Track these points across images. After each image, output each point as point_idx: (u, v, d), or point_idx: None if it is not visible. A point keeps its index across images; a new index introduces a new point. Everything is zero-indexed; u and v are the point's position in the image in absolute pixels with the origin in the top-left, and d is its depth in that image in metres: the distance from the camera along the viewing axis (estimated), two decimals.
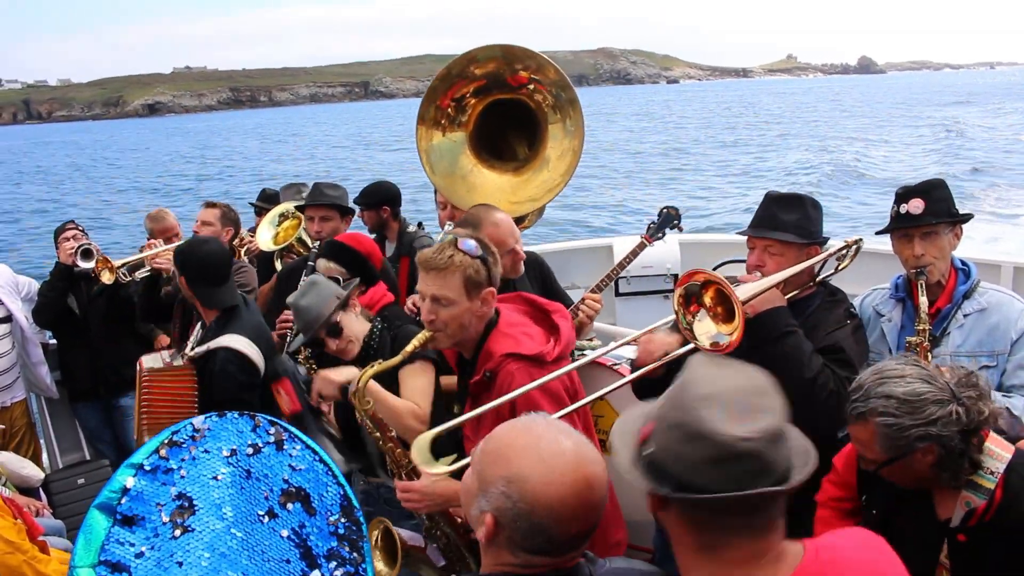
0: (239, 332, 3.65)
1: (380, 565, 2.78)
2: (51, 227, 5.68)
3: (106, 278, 4.78)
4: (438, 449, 2.68)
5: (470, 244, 2.64)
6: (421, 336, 2.66)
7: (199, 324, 3.96)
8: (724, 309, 2.41)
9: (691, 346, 2.50)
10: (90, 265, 4.81)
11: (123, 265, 4.91)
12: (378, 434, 2.72)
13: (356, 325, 3.26)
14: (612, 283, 6.20)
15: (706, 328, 2.43)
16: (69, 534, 4.23)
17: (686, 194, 23.81)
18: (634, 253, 4.31)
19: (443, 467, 2.31)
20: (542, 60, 3.90)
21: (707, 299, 2.43)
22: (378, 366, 2.66)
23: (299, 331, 3.30)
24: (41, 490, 4.68)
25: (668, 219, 4.41)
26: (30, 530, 3.38)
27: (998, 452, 2.14)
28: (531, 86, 3.95)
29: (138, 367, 3.86)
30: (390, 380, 2.99)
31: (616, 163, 33.12)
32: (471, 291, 2.62)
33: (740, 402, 1.41)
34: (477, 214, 3.41)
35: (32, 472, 4.50)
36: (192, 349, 3.82)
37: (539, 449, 1.53)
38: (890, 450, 2.08)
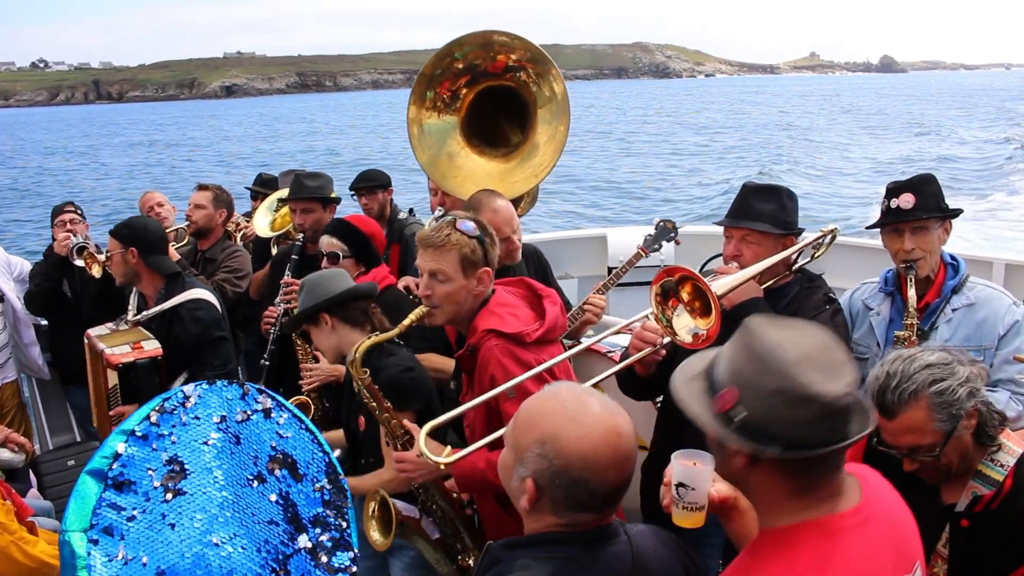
0: (194, 287, 3.96)
1: (376, 535, 2.83)
2: None
3: (96, 272, 4.75)
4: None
5: (468, 225, 2.74)
6: (419, 311, 2.73)
7: (134, 299, 4.15)
8: (701, 303, 2.46)
9: (668, 340, 2.54)
10: (82, 263, 4.78)
11: (110, 258, 4.88)
12: (375, 404, 2.76)
13: (328, 339, 3.16)
14: (611, 282, 6.27)
15: (685, 322, 2.48)
16: (58, 516, 4.23)
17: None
18: (631, 263, 4.38)
19: (447, 458, 2.36)
20: (513, 39, 3.96)
21: (684, 294, 2.48)
22: (375, 338, 2.72)
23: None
24: (31, 471, 4.67)
25: (665, 232, 4.50)
26: (19, 511, 3.37)
27: (1010, 447, 2.17)
28: (513, 66, 4.01)
29: (85, 340, 4.04)
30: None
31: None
32: (467, 269, 2.71)
33: (825, 361, 1.52)
34: (479, 198, 3.46)
35: (10, 456, 4.41)
36: (134, 316, 4.03)
37: (565, 409, 1.62)
38: (947, 420, 2.10)
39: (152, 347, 3.73)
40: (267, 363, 4.36)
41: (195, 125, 75.87)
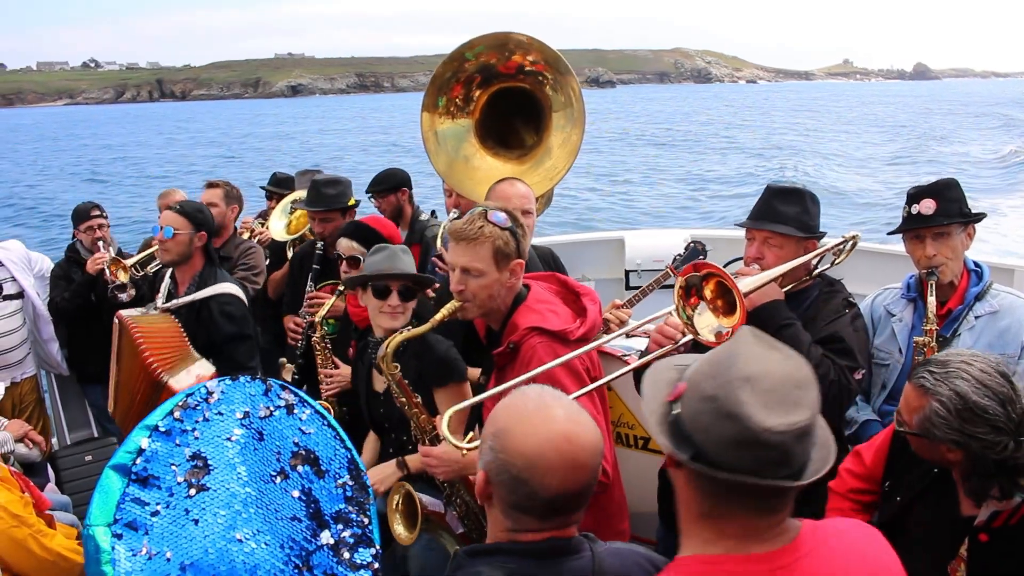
0: (224, 280, 4.01)
1: (400, 529, 2.81)
2: None
3: (122, 278, 4.76)
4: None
5: (500, 216, 2.67)
6: (451, 306, 2.68)
7: (165, 283, 4.13)
8: (724, 302, 2.42)
9: (689, 338, 2.51)
10: (125, 295, 4.77)
11: (135, 263, 4.91)
12: (404, 399, 2.75)
13: (386, 322, 3.14)
14: (623, 284, 6.25)
15: (707, 321, 2.43)
16: (76, 510, 4.26)
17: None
18: (657, 282, 4.33)
19: (467, 444, 2.34)
20: (529, 40, 3.94)
21: (707, 292, 2.44)
22: (407, 332, 2.70)
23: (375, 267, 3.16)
24: (49, 465, 4.70)
25: (695, 253, 4.41)
26: (37, 504, 3.39)
27: None
28: (527, 68, 3.99)
29: (117, 321, 3.95)
30: (426, 397, 2.98)
31: None
32: (500, 262, 2.66)
33: (779, 392, 1.39)
34: (501, 184, 3.45)
35: (27, 451, 4.43)
36: (164, 303, 4.00)
37: (525, 407, 1.62)
38: (924, 431, 2.08)
39: (210, 373, 3.70)
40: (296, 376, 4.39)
41: (311, 120, 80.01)
